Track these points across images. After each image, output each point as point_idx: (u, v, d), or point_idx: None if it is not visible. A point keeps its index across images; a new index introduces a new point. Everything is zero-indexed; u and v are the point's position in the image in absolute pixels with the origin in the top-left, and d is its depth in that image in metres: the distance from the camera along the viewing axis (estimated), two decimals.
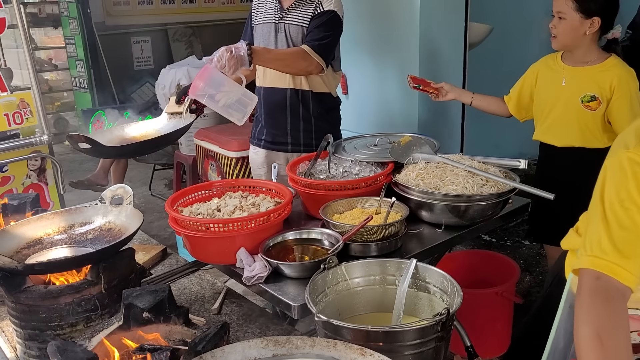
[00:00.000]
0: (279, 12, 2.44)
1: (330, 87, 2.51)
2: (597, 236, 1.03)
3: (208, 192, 1.86)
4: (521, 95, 2.30)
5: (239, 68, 2.04)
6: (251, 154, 2.72)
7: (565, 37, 2.05)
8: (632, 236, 1.00)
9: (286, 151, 2.55)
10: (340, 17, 2.39)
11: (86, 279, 1.44)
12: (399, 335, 1.12)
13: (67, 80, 7.76)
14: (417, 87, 2.45)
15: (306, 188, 1.90)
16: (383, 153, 2.09)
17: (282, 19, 2.43)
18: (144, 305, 1.23)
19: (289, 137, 2.52)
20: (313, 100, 2.46)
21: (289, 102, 2.46)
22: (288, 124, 2.50)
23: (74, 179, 4.54)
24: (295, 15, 2.40)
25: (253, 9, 2.58)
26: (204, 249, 1.64)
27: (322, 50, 2.28)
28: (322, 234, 1.67)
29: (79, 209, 1.71)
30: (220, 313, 1.64)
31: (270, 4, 2.48)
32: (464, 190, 1.78)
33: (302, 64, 2.27)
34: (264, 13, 2.50)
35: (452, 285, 1.27)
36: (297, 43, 2.40)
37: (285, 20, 2.42)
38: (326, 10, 2.34)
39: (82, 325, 1.41)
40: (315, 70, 2.31)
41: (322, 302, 1.33)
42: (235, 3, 8.26)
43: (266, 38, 2.48)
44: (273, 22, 2.45)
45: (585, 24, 1.99)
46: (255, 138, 2.65)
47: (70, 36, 7.19)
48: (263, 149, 2.62)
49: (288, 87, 2.45)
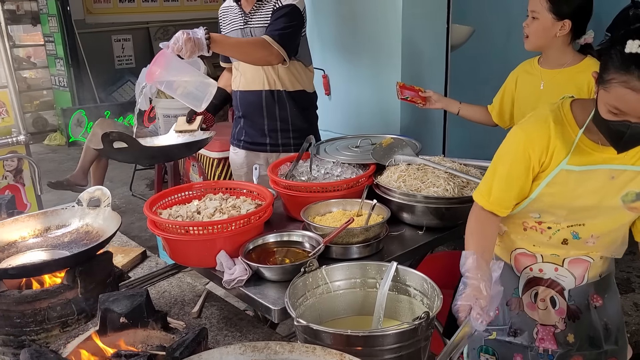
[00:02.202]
0: (243, 17, 2.44)
1: (303, 84, 2.50)
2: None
3: (188, 194, 1.84)
4: (503, 102, 2.32)
5: (195, 52, 1.96)
6: (231, 154, 2.72)
7: (536, 37, 2.07)
8: None
9: (265, 151, 2.55)
10: (301, 10, 2.38)
11: (62, 283, 1.41)
12: (378, 339, 1.11)
13: (46, 78, 7.65)
14: (405, 99, 2.44)
15: (287, 190, 1.89)
16: (365, 155, 2.09)
17: (246, 23, 2.43)
18: (121, 310, 1.21)
19: (267, 137, 2.52)
20: (288, 100, 2.46)
21: (264, 103, 2.46)
22: (265, 125, 2.50)
23: (53, 179, 4.46)
24: (259, 17, 2.40)
25: (220, 20, 2.58)
26: (183, 252, 1.62)
27: (282, 40, 2.24)
28: (303, 237, 1.66)
29: (55, 212, 1.68)
30: (200, 316, 1.62)
31: (234, 11, 2.48)
32: (444, 192, 1.78)
33: (262, 53, 2.22)
34: (229, 21, 2.50)
35: (432, 288, 1.27)
36: None
37: (250, 24, 2.42)
38: (285, 5, 2.34)
39: (57, 331, 1.38)
40: (276, 60, 2.26)
41: (302, 306, 1.32)
42: (218, 2, 8.21)
43: None
44: (239, 28, 2.46)
45: (557, 26, 2.01)
46: (235, 139, 2.65)
47: (49, 34, 7.08)
48: (243, 149, 2.62)
49: (263, 89, 2.44)
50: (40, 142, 7.07)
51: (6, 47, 2.81)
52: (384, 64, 3.15)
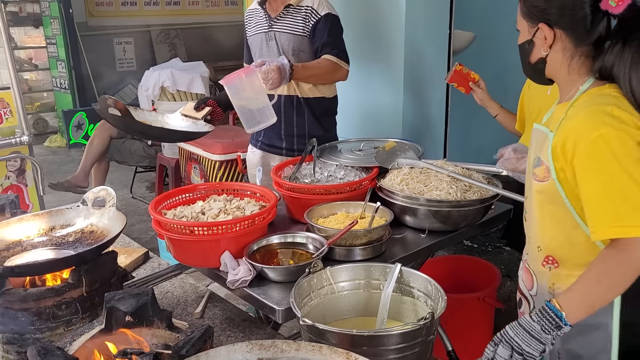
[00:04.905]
0: (268, 21, 2.46)
1: (323, 90, 2.53)
2: None
3: (192, 195, 1.85)
4: (521, 110, 2.33)
5: (280, 83, 2.14)
6: (249, 153, 2.77)
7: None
8: None
9: (281, 154, 2.58)
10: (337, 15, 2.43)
11: (67, 282, 1.41)
12: (383, 339, 1.12)
13: (47, 80, 7.66)
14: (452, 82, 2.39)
15: (291, 192, 1.90)
16: (368, 158, 2.10)
17: (271, 27, 2.46)
18: (127, 308, 1.21)
19: (283, 142, 2.56)
20: (306, 107, 2.49)
21: (283, 109, 2.49)
22: (282, 130, 2.54)
23: (54, 180, 4.47)
24: (284, 23, 2.42)
25: (245, 22, 2.61)
26: (187, 252, 1.63)
27: (345, 56, 2.41)
28: (306, 238, 1.67)
29: (60, 211, 1.68)
30: (203, 317, 1.62)
31: (259, 14, 2.51)
32: (447, 195, 1.79)
33: (336, 76, 2.42)
34: (254, 24, 2.53)
35: (437, 289, 1.28)
36: (288, 51, 2.43)
37: (275, 28, 2.45)
38: (324, 15, 2.37)
39: (62, 329, 1.38)
40: (344, 77, 2.44)
41: (306, 306, 1.33)
42: (219, 6, 8.25)
43: (259, 49, 2.52)
44: (263, 31, 2.49)
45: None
46: (254, 138, 2.70)
47: (51, 36, 7.10)
48: (259, 149, 2.66)
49: (282, 94, 2.46)
50: (41, 143, 7.07)
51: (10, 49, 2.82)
52: (386, 68, 3.17)
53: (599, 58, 1.23)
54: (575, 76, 1.26)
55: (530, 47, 1.29)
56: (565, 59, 1.26)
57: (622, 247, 1.11)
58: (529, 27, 1.28)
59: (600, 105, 1.17)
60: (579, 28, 1.21)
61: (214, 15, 8.13)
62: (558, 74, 1.29)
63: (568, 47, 1.25)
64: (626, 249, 1.11)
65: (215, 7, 8.20)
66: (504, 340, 1.16)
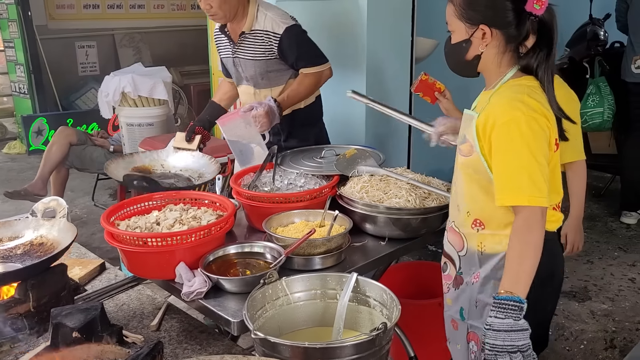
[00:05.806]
0: (232, 47, 2.45)
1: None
2: None
3: (148, 204, 1.81)
4: None
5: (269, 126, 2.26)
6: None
7: None
8: None
9: None
10: (296, 22, 2.40)
11: (13, 297, 1.36)
12: (336, 351, 1.11)
13: (6, 84, 7.44)
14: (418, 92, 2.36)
15: (250, 200, 1.88)
16: (329, 166, 2.09)
17: (235, 53, 2.44)
18: (74, 324, 1.18)
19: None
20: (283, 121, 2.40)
21: None
22: None
23: (11, 188, 4.33)
24: (245, 49, 2.40)
25: (215, 40, 2.59)
26: (141, 264, 1.59)
27: (320, 58, 2.41)
28: (264, 248, 1.65)
29: (7, 222, 1.63)
30: (159, 329, 1.58)
31: (224, 39, 2.48)
32: (406, 203, 1.80)
33: (321, 81, 2.45)
34: (223, 46, 2.52)
35: (392, 299, 1.28)
36: (255, 76, 2.43)
37: (238, 54, 2.44)
38: (283, 32, 2.31)
39: (7, 347, 1.34)
40: (330, 74, 2.46)
41: (261, 318, 1.31)
42: (185, 10, 8.15)
43: (232, 71, 2.53)
44: (229, 56, 2.48)
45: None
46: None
47: (9, 39, 6.90)
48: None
49: None
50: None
51: None
52: (349, 75, 3.17)
53: (526, 57, 1.44)
54: (503, 68, 1.46)
55: (468, 46, 1.46)
56: (498, 55, 1.45)
57: (521, 214, 1.33)
58: (466, 28, 1.45)
59: (516, 93, 1.39)
60: (510, 28, 1.41)
61: (179, 19, 8.03)
62: (488, 68, 1.48)
63: (501, 44, 1.44)
64: (523, 215, 1.33)
65: (181, 10, 8.11)
66: (498, 352, 1.26)
